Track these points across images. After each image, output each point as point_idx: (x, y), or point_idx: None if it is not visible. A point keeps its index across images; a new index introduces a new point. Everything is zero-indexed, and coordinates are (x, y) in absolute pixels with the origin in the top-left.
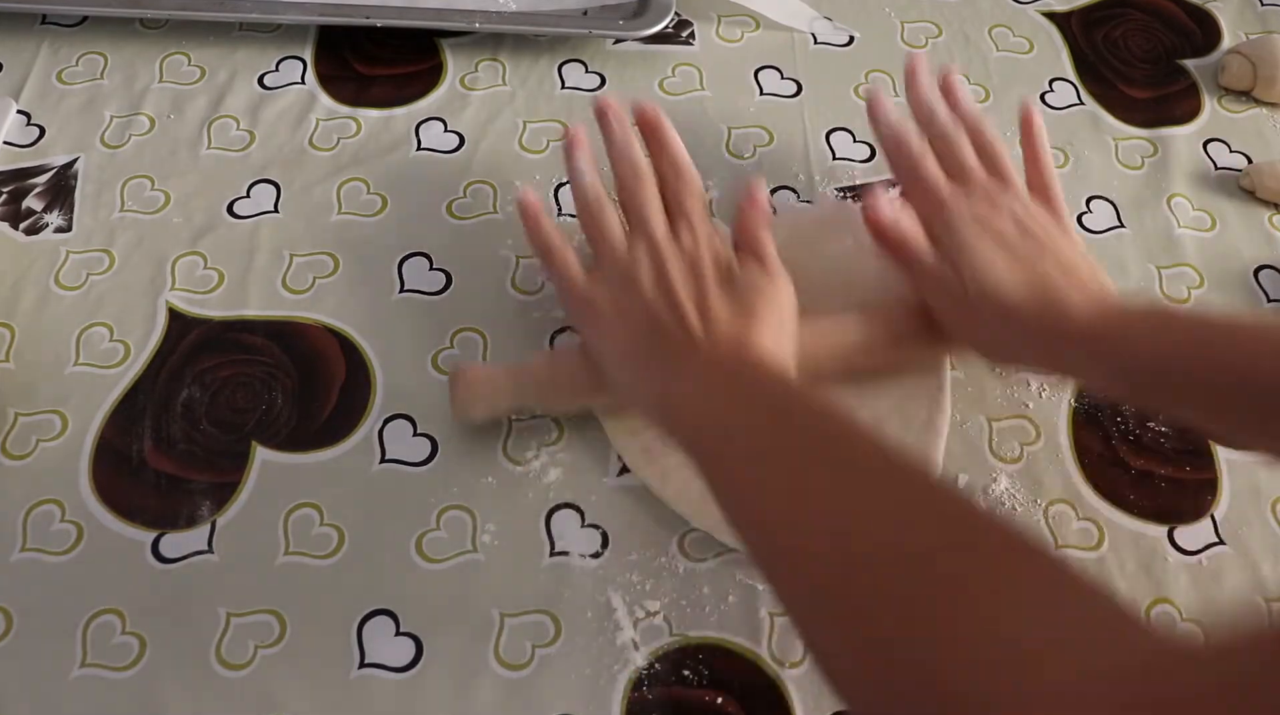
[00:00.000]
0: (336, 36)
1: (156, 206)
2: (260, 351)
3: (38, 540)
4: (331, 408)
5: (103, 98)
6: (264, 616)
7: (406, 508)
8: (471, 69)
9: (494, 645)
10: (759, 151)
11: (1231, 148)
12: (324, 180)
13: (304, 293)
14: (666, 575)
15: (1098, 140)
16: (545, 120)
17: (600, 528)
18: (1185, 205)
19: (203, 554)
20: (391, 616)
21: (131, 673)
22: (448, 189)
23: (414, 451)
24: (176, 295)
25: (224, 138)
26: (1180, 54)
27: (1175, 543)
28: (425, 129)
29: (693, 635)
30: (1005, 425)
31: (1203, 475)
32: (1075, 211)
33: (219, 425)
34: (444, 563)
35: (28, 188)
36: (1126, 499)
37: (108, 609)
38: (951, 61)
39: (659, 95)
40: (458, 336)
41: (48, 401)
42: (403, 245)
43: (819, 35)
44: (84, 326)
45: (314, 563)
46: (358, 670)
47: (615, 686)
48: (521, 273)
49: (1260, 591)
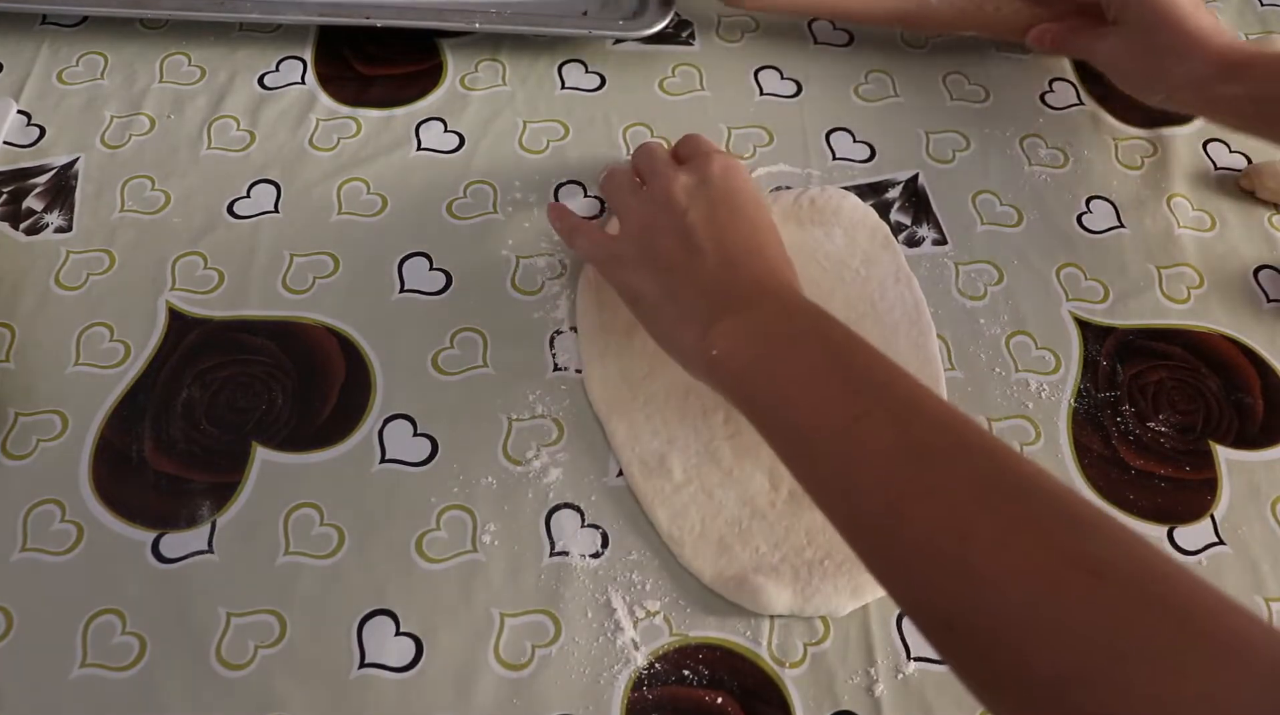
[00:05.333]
0: (336, 36)
1: (156, 206)
2: (260, 351)
3: (38, 540)
4: (331, 408)
5: (103, 98)
6: (264, 616)
7: (406, 508)
8: (471, 69)
9: (494, 645)
10: (759, 151)
11: (1231, 148)
12: (324, 180)
13: (304, 293)
14: (666, 575)
15: (1098, 140)
16: (545, 120)
17: (600, 528)
18: (1185, 205)
19: (203, 554)
20: (391, 616)
21: (131, 673)
22: (448, 189)
23: (414, 451)
24: (176, 295)
25: (224, 138)
26: None
27: (1175, 543)
28: (425, 129)
29: (693, 635)
30: (1005, 425)
31: (1203, 475)
32: (1075, 212)
33: (219, 425)
34: (444, 563)
35: (28, 188)
36: (1126, 499)
37: (108, 609)
38: (950, 62)
39: (659, 95)
40: (458, 336)
41: (48, 401)
42: (403, 245)
43: (819, 35)
44: (84, 326)
45: (314, 563)
46: (358, 670)
47: (615, 686)
48: (521, 273)
49: (1260, 591)
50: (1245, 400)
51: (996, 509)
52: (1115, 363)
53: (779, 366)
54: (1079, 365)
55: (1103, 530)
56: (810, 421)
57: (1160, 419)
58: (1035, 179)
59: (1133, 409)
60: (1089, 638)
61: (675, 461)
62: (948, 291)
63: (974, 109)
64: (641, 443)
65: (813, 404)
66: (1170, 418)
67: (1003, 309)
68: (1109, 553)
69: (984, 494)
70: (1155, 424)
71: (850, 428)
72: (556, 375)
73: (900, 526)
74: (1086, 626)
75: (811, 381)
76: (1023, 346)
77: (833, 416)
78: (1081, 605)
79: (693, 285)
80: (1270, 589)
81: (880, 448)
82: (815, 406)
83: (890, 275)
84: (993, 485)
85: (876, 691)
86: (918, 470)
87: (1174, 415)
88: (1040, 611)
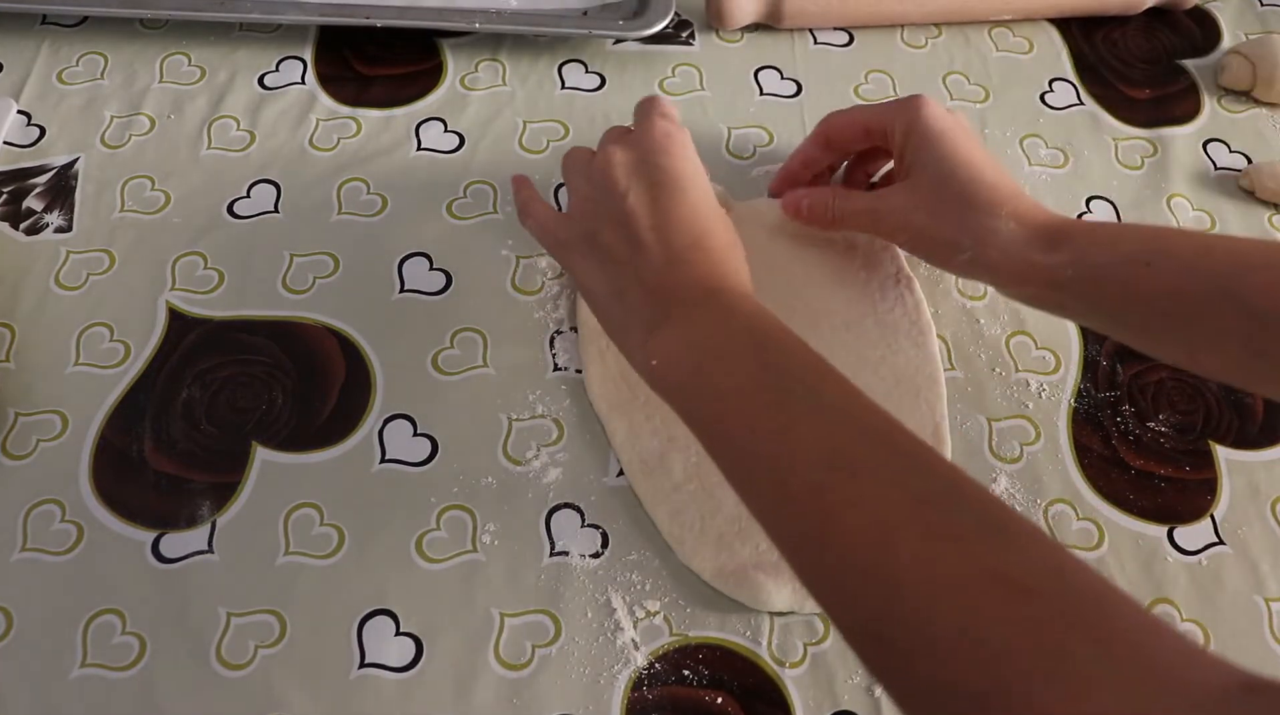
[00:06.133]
0: (336, 36)
1: (157, 206)
2: (260, 351)
3: (38, 540)
4: (331, 408)
5: (103, 98)
6: (264, 616)
7: (406, 508)
8: (471, 69)
9: (494, 645)
10: (759, 151)
11: (1231, 148)
12: (324, 180)
13: (304, 293)
14: (666, 575)
15: (1098, 140)
16: (545, 120)
17: (600, 528)
18: (1185, 205)
19: (203, 554)
20: (391, 616)
21: (131, 673)
22: (448, 189)
23: (414, 451)
24: (176, 295)
25: (224, 138)
26: (1180, 54)
27: (1175, 543)
28: (425, 129)
29: (693, 635)
30: (1005, 425)
31: (1203, 475)
32: (1075, 211)
33: (219, 425)
34: (444, 563)
35: (28, 188)
36: (1126, 499)
37: (108, 609)
38: (951, 61)
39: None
40: (458, 336)
41: (48, 401)
42: (403, 245)
43: (819, 35)
44: (84, 326)
45: (314, 563)
46: (358, 670)
47: (615, 686)
48: (521, 273)
49: (1260, 591)
50: (1245, 400)
51: (922, 520)
52: (1115, 363)
53: (714, 379)
54: (1079, 365)
55: (1030, 544)
56: (744, 434)
57: (1160, 419)
58: (1035, 179)
59: (1133, 409)
60: (1011, 655)
61: (675, 460)
62: (948, 292)
63: (974, 109)
64: (641, 442)
65: (746, 416)
66: (1170, 418)
67: (1003, 309)
68: (1035, 567)
69: (910, 504)
70: (1155, 424)
71: (781, 437)
72: (556, 375)
73: (828, 537)
74: (1009, 643)
75: (744, 392)
76: (1023, 346)
77: (764, 427)
78: (1005, 621)
79: (638, 284)
80: (1270, 589)
81: (809, 457)
82: (748, 418)
83: (890, 277)
84: (921, 495)
85: (876, 691)
86: (845, 479)
87: (1174, 415)
88: (963, 626)
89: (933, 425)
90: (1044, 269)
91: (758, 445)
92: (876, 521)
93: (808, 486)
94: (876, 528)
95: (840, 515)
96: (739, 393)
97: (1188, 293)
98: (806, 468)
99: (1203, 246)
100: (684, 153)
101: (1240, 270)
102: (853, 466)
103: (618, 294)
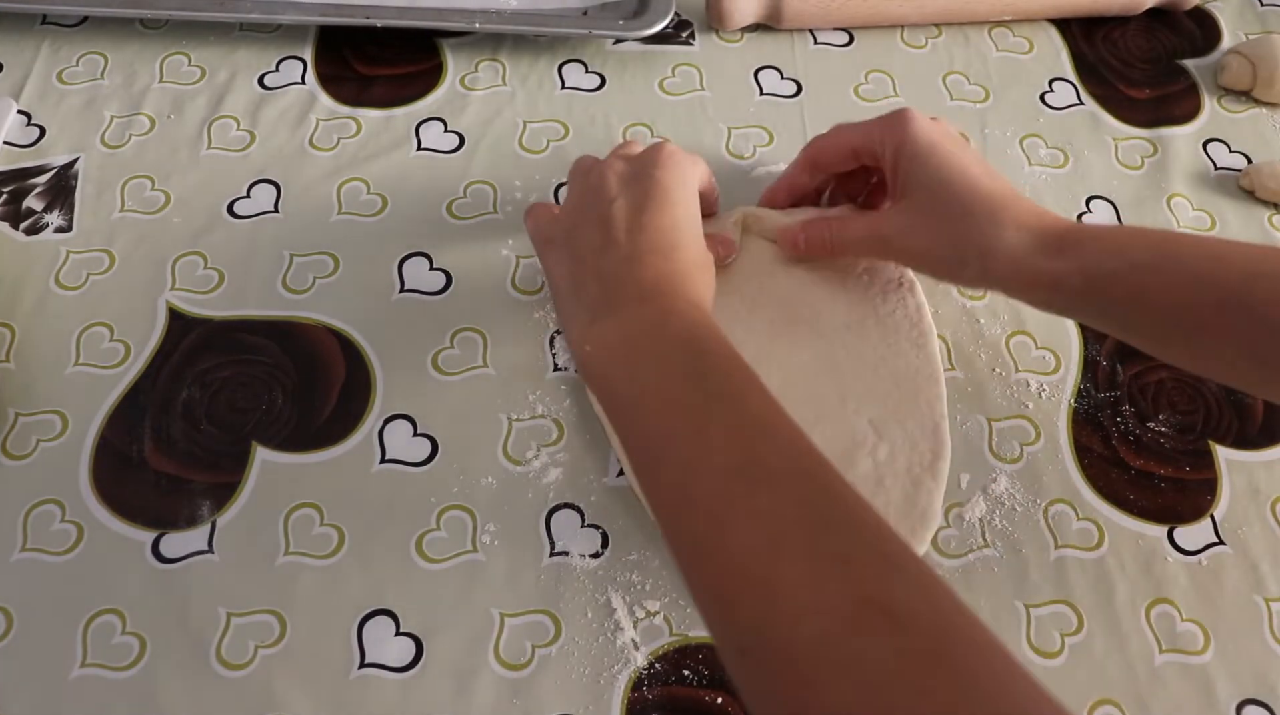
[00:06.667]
0: (336, 36)
1: (156, 206)
2: (260, 351)
3: (38, 540)
4: (331, 408)
5: (103, 98)
6: (264, 616)
7: (406, 508)
8: (471, 69)
9: (494, 645)
10: (759, 151)
11: (1231, 148)
12: (324, 180)
13: (304, 293)
14: (666, 575)
15: (1098, 140)
16: (545, 120)
17: (600, 528)
18: (1185, 205)
19: (203, 554)
20: (391, 616)
21: (131, 673)
22: (448, 189)
23: (414, 451)
24: (176, 295)
25: (224, 138)
26: (1180, 54)
27: (1175, 543)
28: (425, 129)
29: (693, 635)
30: (1005, 425)
31: (1203, 475)
32: (1075, 211)
33: (219, 425)
34: (444, 563)
35: (28, 188)
36: (1126, 499)
37: (108, 609)
38: (951, 61)
39: (659, 95)
40: (458, 336)
41: (48, 401)
42: (403, 245)
43: (819, 35)
44: (84, 326)
45: (314, 563)
46: (358, 670)
47: (615, 686)
48: (521, 273)
49: (1260, 591)
50: (1245, 400)
51: (813, 540)
52: (1115, 363)
53: (639, 372)
54: (1079, 365)
55: (914, 578)
56: (659, 430)
57: (1160, 419)
58: (1035, 179)
59: (1133, 409)
60: (873, 682)
61: None
62: (948, 292)
63: (974, 109)
64: None
65: (664, 414)
66: (1170, 418)
67: (1003, 309)
68: (913, 599)
69: (806, 523)
70: (1155, 424)
71: (694, 439)
72: (556, 375)
73: (718, 545)
74: (872, 670)
75: (666, 390)
76: (1023, 346)
77: (680, 427)
78: (873, 648)
79: (596, 278)
80: (1270, 589)
81: (717, 463)
82: (666, 417)
83: (893, 280)
84: (817, 517)
85: None
86: (747, 490)
87: (1174, 415)
88: (831, 648)
89: (933, 425)
90: (1051, 276)
91: (670, 443)
92: (769, 535)
93: (710, 492)
94: (768, 541)
95: (735, 524)
96: (661, 390)
97: (1197, 302)
98: (712, 473)
99: (1213, 254)
100: (680, 172)
101: (1250, 278)
102: (758, 478)
103: (577, 286)
